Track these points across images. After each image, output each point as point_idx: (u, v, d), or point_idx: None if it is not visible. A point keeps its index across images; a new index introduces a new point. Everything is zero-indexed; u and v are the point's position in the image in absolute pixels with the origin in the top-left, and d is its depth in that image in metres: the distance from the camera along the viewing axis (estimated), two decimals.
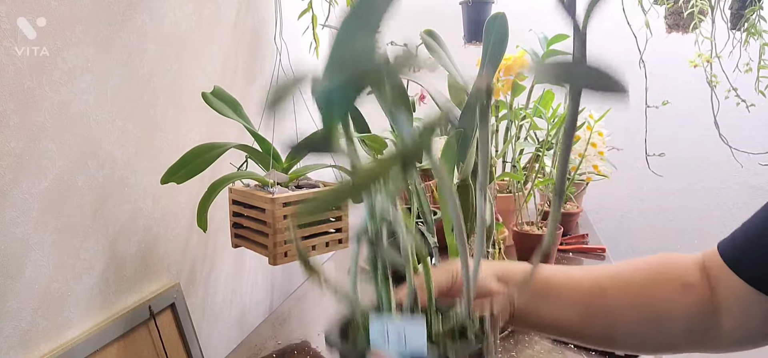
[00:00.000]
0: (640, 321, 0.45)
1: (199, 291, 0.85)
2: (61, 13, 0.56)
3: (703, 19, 1.23)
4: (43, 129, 0.55)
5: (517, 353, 0.82)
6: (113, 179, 0.65)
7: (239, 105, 0.80)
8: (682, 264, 0.47)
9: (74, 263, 0.60)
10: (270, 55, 1.05)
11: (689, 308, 0.44)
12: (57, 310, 0.58)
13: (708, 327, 0.44)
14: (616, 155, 1.28)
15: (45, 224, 0.56)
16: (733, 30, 1.25)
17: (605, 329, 0.47)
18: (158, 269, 0.75)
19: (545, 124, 1.02)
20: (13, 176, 0.52)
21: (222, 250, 0.91)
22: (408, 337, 0.32)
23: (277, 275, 1.14)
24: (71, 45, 0.58)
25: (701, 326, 0.45)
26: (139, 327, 0.69)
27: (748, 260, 0.42)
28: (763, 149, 1.38)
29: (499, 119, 0.93)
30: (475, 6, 1.32)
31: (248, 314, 1.02)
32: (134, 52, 0.68)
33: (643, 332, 0.46)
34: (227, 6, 0.90)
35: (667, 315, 0.45)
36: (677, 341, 0.46)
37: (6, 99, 0.50)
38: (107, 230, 0.65)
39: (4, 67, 0.50)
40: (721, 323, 0.44)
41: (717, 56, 1.25)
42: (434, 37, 0.62)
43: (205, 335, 0.86)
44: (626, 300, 0.46)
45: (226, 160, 0.81)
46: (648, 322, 0.45)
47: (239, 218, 0.81)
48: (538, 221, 1.09)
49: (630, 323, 0.46)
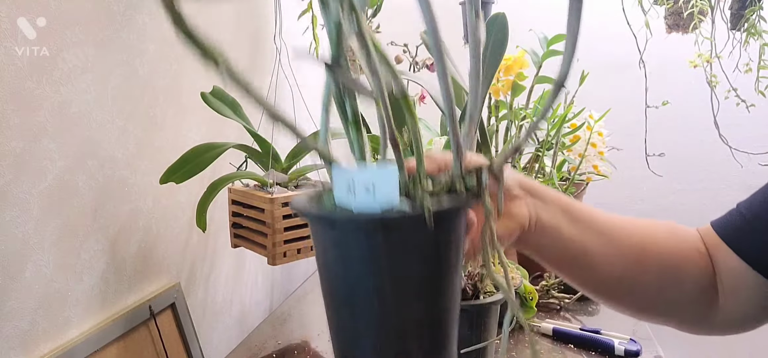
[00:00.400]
0: (665, 273, 0.44)
1: (199, 291, 0.85)
2: (61, 13, 0.56)
3: (703, 19, 1.23)
4: (44, 129, 0.55)
5: (517, 353, 0.82)
6: (113, 179, 0.65)
7: (239, 105, 0.80)
8: (691, 233, 0.47)
9: (74, 263, 0.60)
10: (270, 55, 1.05)
11: (702, 273, 0.44)
12: (57, 310, 0.58)
13: (710, 301, 0.44)
14: (616, 155, 1.28)
15: (45, 224, 0.56)
16: (733, 30, 1.25)
17: (626, 271, 0.44)
18: (158, 268, 0.75)
19: (545, 124, 1.02)
20: (14, 176, 0.52)
21: (222, 250, 0.91)
22: (377, 187, 0.27)
23: (277, 275, 1.14)
24: (71, 45, 0.58)
25: (707, 297, 0.44)
26: (139, 327, 0.69)
27: (748, 240, 0.42)
28: (763, 149, 1.38)
29: (499, 119, 0.93)
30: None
31: (248, 314, 1.02)
32: (134, 52, 0.68)
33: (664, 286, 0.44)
34: (227, 6, 0.90)
35: (686, 275, 0.44)
36: (685, 307, 0.45)
37: (6, 99, 0.50)
38: (107, 230, 0.65)
39: (4, 67, 0.50)
40: (717, 299, 0.44)
41: (717, 56, 1.25)
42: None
43: (205, 335, 0.86)
44: (654, 246, 0.44)
45: (226, 160, 0.81)
46: (670, 276, 0.44)
47: (239, 218, 0.81)
48: None
49: (655, 272, 0.44)
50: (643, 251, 0.44)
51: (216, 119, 0.82)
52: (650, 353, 0.81)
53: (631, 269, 0.44)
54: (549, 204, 0.42)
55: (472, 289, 0.68)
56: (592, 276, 0.45)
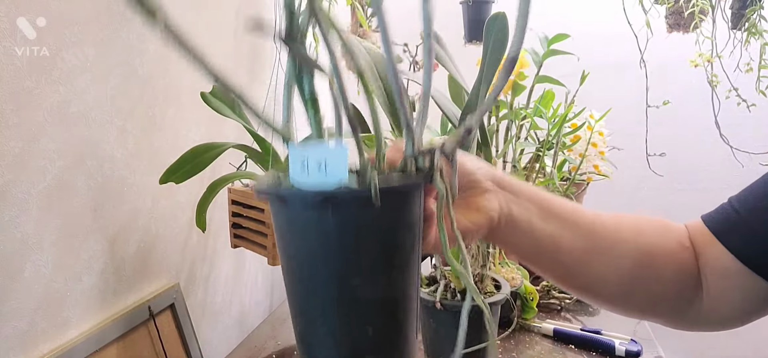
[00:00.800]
0: (639, 265, 0.43)
1: (199, 291, 0.85)
2: (60, 13, 0.56)
3: (703, 18, 1.23)
4: (43, 129, 0.55)
5: (517, 353, 0.81)
6: (112, 179, 0.65)
7: (238, 104, 0.79)
8: (677, 228, 0.46)
9: (73, 263, 0.60)
10: (270, 55, 1.05)
11: (683, 269, 0.43)
12: (56, 310, 0.58)
13: (691, 297, 0.44)
14: (617, 155, 1.28)
15: (44, 224, 0.56)
16: (734, 30, 1.25)
17: (601, 264, 0.43)
18: (158, 269, 0.75)
19: (546, 124, 1.02)
20: (13, 176, 0.52)
21: (222, 250, 0.91)
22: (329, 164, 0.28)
23: (276, 276, 1.14)
24: (71, 45, 0.57)
25: (688, 292, 0.43)
26: (138, 327, 0.69)
27: (740, 235, 0.41)
28: (764, 149, 1.38)
29: (500, 119, 0.93)
30: (476, 5, 1.32)
31: (248, 315, 1.01)
32: (134, 52, 0.67)
33: (638, 278, 0.43)
34: (227, 6, 0.90)
35: (664, 268, 0.43)
36: (664, 302, 0.44)
37: (5, 99, 0.50)
38: (106, 230, 0.65)
39: (3, 67, 0.50)
40: (700, 296, 0.43)
41: (718, 56, 1.24)
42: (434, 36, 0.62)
43: (205, 336, 0.85)
44: (629, 237, 0.44)
45: (226, 160, 0.81)
46: (646, 268, 0.43)
47: (238, 218, 0.81)
48: None
49: (628, 263, 0.43)
50: (616, 242, 0.44)
51: (215, 119, 0.82)
52: (651, 353, 0.81)
53: (603, 261, 0.43)
54: (522, 199, 0.42)
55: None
56: (563, 269, 0.45)
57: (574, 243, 0.43)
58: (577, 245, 0.43)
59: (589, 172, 1.18)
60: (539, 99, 1.04)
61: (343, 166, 0.28)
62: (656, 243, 0.44)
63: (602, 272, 0.44)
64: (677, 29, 1.29)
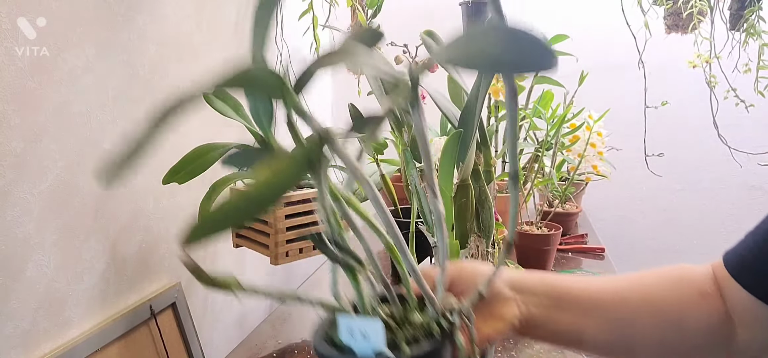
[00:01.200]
0: (663, 329, 0.45)
1: (200, 291, 0.86)
2: (61, 14, 0.56)
3: (702, 19, 1.24)
4: (44, 129, 0.55)
5: (517, 353, 0.82)
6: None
7: (241, 105, 0.79)
8: (698, 274, 0.47)
9: (75, 263, 0.60)
10: (270, 55, 1.05)
11: (709, 316, 0.44)
12: (58, 310, 0.58)
13: (726, 337, 0.44)
14: (616, 155, 1.28)
15: (46, 224, 0.56)
16: (732, 30, 1.26)
17: (626, 339, 0.45)
18: (159, 268, 0.75)
19: (544, 124, 1.03)
20: (15, 176, 0.52)
21: (223, 250, 0.91)
22: (370, 335, 0.34)
23: (277, 275, 1.14)
24: (72, 45, 0.58)
25: (720, 336, 0.44)
26: (139, 327, 0.69)
27: (752, 273, 0.42)
28: (762, 149, 1.38)
29: (499, 119, 0.93)
30: (475, 6, 1.32)
31: (249, 314, 1.02)
32: (135, 53, 0.68)
33: (666, 341, 0.45)
34: (228, 6, 0.90)
35: (688, 323, 0.44)
36: (697, 352, 0.45)
37: (7, 99, 0.50)
38: (108, 230, 0.65)
39: (4, 67, 0.50)
40: (735, 332, 0.44)
41: (716, 57, 1.25)
42: (434, 37, 0.62)
43: (206, 335, 0.86)
44: (647, 308, 0.45)
45: None
46: (671, 330, 0.44)
47: None
48: (538, 221, 1.09)
49: (652, 331, 0.45)
50: (637, 314, 0.45)
51: (217, 120, 0.82)
52: None
53: (632, 339, 0.45)
54: (539, 295, 0.44)
55: None
56: (598, 349, 0.47)
57: (597, 328, 0.45)
58: (600, 330, 0.45)
59: (587, 172, 1.19)
60: (538, 99, 1.04)
61: (379, 337, 0.34)
62: (677, 303, 0.45)
63: (629, 348, 0.46)
64: (676, 30, 1.30)
